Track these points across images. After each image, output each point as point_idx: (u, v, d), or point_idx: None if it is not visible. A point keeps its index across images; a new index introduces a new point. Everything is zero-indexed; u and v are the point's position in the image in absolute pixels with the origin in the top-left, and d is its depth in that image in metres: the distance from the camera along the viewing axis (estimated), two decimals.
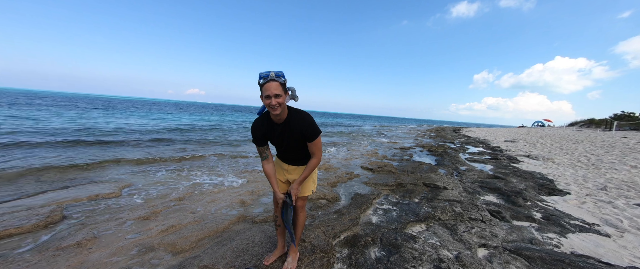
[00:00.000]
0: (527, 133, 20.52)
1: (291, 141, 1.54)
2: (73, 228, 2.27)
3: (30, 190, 3.15)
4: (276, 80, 1.34)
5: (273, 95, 1.33)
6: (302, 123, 1.48)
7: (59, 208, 2.60)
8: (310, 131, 1.48)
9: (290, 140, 1.54)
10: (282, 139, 1.55)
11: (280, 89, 1.34)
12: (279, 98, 1.35)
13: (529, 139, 13.81)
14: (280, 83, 1.35)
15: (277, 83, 1.34)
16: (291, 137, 1.52)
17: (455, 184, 4.00)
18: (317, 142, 1.52)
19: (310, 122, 1.49)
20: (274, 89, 1.32)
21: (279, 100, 1.35)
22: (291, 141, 1.55)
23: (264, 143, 1.58)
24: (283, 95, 1.37)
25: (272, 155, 1.65)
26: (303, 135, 1.50)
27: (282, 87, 1.36)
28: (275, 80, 1.34)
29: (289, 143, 1.55)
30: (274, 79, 1.34)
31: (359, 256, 1.90)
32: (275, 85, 1.33)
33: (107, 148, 6.11)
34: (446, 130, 27.03)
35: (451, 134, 19.61)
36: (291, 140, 1.54)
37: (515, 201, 3.32)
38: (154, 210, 2.69)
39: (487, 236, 2.25)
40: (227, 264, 1.71)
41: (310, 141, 1.50)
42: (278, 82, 1.34)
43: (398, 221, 2.58)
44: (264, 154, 1.60)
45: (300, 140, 1.53)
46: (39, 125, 9.19)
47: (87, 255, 1.88)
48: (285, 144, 1.56)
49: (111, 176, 3.91)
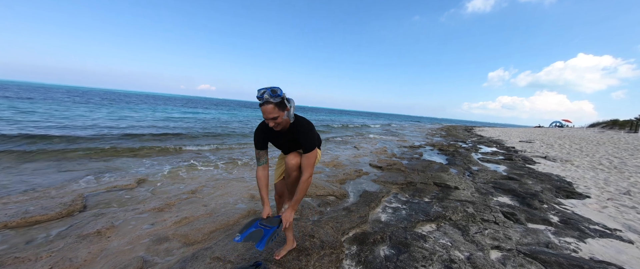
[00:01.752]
0: (544, 133, 19.69)
1: (293, 147, 1.62)
2: (93, 217, 2.38)
3: (56, 178, 3.34)
4: (271, 102, 1.35)
5: (269, 118, 1.37)
6: (300, 136, 1.51)
7: (80, 197, 2.74)
8: (306, 145, 1.49)
9: (291, 145, 1.61)
10: (284, 145, 1.63)
11: (275, 111, 1.36)
12: (276, 119, 1.39)
13: (546, 140, 13.26)
14: (275, 104, 1.36)
15: (272, 106, 1.35)
16: (293, 143, 1.59)
17: (467, 184, 3.91)
18: (309, 156, 1.50)
19: (309, 135, 1.50)
20: (269, 113, 1.35)
21: (276, 120, 1.39)
22: (293, 147, 1.63)
23: (264, 146, 1.62)
24: (280, 114, 1.39)
25: (268, 163, 1.66)
26: (299, 145, 1.55)
27: (277, 106, 1.37)
28: (270, 103, 1.35)
29: (292, 148, 1.64)
30: (268, 101, 1.34)
31: (367, 254, 1.89)
32: (270, 108, 1.35)
33: (130, 140, 6.35)
34: (458, 129, 26.34)
35: (463, 133, 19.10)
36: (293, 146, 1.62)
37: (531, 204, 3.20)
38: (168, 202, 2.79)
39: (500, 238, 2.19)
40: (238, 257, 1.75)
41: (304, 153, 1.51)
42: (273, 105, 1.35)
43: (407, 220, 2.55)
44: (261, 159, 1.61)
45: (299, 146, 1.59)
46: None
47: (106, 243, 1.98)
48: (286, 147, 1.64)
49: (128, 168, 4.07)
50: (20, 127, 7.00)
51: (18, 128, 6.75)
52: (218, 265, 1.67)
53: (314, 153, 1.52)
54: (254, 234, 1.40)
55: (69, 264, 1.69)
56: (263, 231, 1.42)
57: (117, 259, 1.76)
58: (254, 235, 1.40)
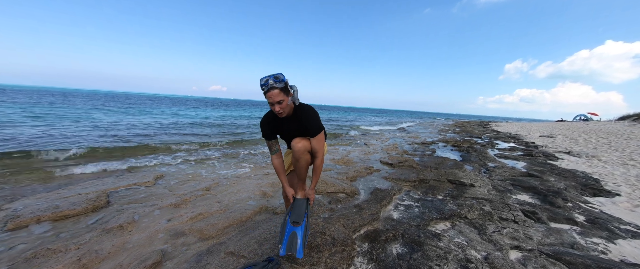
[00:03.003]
0: (568, 127, 18.59)
1: (298, 134, 1.59)
2: (116, 212, 2.51)
3: (84, 175, 3.55)
4: (276, 87, 1.38)
5: (275, 102, 1.40)
6: (306, 118, 1.52)
7: (104, 193, 2.89)
8: (312, 126, 1.51)
9: (297, 133, 1.59)
10: (290, 133, 1.61)
11: (281, 95, 1.39)
12: (281, 103, 1.41)
13: (570, 134, 12.50)
14: (280, 89, 1.39)
15: (278, 90, 1.39)
16: (298, 131, 1.57)
17: (484, 181, 3.76)
18: (319, 138, 1.53)
19: (314, 117, 1.52)
20: (275, 97, 1.39)
21: (282, 105, 1.42)
22: (297, 134, 1.59)
23: (273, 137, 1.64)
24: (285, 98, 1.41)
25: (281, 150, 1.70)
26: (306, 129, 1.53)
27: (282, 91, 1.40)
28: (275, 88, 1.38)
29: (296, 136, 1.60)
30: (273, 87, 1.38)
31: (379, 252, 1.87)
32: (275, 92, 1.38)
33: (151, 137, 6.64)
34: (472, 124, 25.39)
35: (478, 129, 18.40)
36: (298, 134, 1.59)
37: (553, 202, 3.04)
38: (184, 199, 2.89)
39: (520, 237, 2.09)
40: (251, 252, 1.78)
41: (312, 136, 1.53)
42: (278, 89, 1.39)
43: (420, 218, 2.50)
44: (273, 148, 1.65)
45: (306, 133, 1.57)
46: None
47: (128, 237, 2.08)
48: (293, 136, 1.61)
49: (147, 166, 4.25)
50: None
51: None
52: (232, 260, 1.71)
53: (321, 135, 1.55)
54: (291, 241, 1.46)
55: (95, 256, 1.79)
56: (297, 233, 1.47)
57: (139, 252, 1.85)
58: (291, 242, 1.46)
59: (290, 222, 1.53)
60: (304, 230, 1.51)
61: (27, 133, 6.48)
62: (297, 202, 1.64)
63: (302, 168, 1.63)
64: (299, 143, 1.55)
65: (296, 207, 1.60)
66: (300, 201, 1.64)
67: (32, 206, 2.52)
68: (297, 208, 1.59)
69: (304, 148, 1.55)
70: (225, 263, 1.68)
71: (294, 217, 1.54)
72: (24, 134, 6.36)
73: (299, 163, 1.61)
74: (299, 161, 1.59)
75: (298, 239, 1.47)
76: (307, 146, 1.56)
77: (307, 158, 1.60)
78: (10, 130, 6.86)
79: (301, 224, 1.51)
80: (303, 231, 1.50)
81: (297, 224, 1.51)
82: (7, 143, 5.27)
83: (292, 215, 1.55)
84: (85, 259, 1.74)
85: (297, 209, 1.58)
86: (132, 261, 1.72)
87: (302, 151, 1.55)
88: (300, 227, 1.51)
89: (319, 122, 1.54)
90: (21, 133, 6.43)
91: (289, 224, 1.53)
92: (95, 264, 1.72)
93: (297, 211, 1.57)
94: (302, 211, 1.57)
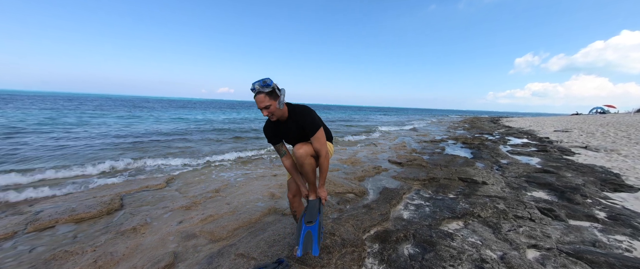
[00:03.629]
0: (584, 121, 17.88)
1: (297, 136, 1.60)
2: (129, 215, 2.57)
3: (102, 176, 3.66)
4: (262, 92, 1.41)
5: (263, 107, 1.44)
6: (301, 119, 1.52)
7: (117, 196, 2.97)
8: (309, 125, 1.51)
9: (296, 135, 1.60)
10: (289, 135, 1.62)
11: (267, 100, 1.42)
12: (268, 108, 1.44)
13: (586, 128, 12.02)
14: (266, 94, 1.42)
15: (263, 95, 1.42)
16: (296, 132, 1.58)
17: (496, 179, 3.65)
18: (319, 136, 1.52)
19: (310, 116, 1.52)
20: (261, 102, 1.42)
21: (270, 109, 1.45)
22: (298, 137, 1.60)
23: (277, 140, 1.66)
24: (272, 103, 1.44)
25: (289, 152, 1.72)
26: (304, 130, 1.53)
27: (268, 96, 1.43)
28: (261, 92, 1.42)
29: (297, 139, 1.61)
30: (260, 91, 1.41)
31: (391, 252, 1.84)
32: (261, 97, 1.42)
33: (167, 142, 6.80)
34: (483, 120, 24.81)
35: (489, 125, 17.95)
36: (297, 135, 1.60)
37: (572, 198, 2.92)
38: (194, 201, 2.93)
39: (537, 236, 2.02)
40: (260, 254, 1.78)
41: (312, 135, 1.52)
42: (264, 93, 1.42)
43: (432, 217, 2.44)
44: (280, 151, 1.69)
45: (305, 135, 1.57)
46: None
47: (141, 239, 2.13)
48: (294, 139, 1.63)
49: (159, 169, 4.34)
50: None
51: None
52: (242, 261, 1.71)
53: (321, 132, 1.54)
54: (307, 240, 1.50)
55: (110, 258, 1.83)
56: (312, 232, 1.52)
57: (152, 254, 1.88)
58: (307, 241, 1.50)
59: (305, 222, 1.56)
60: (318, 228, 1.54)
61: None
62: (311, 203, 1.67)
63: (308, 172, 1.62)
64: (299, 150, 1.54)
65: (310, 207, 1.63)
66: (313, 201, 1.67)
67: (50, 209, 2.61)
68: (310, 208, 1.63)
69: (305, 153, 1.54)
70: (236, 264, 1.68)
71: (307, 217, 1.57)
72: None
73: (304, 169, 1.60)
74: (304, 166, 1.58)
75: (313, 238, 1.51)
76: (308, 150, 1.55)
77: (311, 162, 1.59)
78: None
79: (314, 222, 1.54)
80: (317, 230, 1.53)
81: (311, 224, 1.55)
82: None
83: (306, 215, 1.59)
84: (101, 261, 1.78)
85: (310, 209, 1.62)
86: (145, 263, 1.76)
87: (304, 157, 1.54)
88: (314, 225, 1.54)
89: (315, 119, 1.52)
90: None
91: (303, 224, 1.56)
92: (111, 266, 1.76)
93: (311, 210, 1.60)
94: (315, 210, 1.60)
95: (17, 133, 7.62)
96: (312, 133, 1.51)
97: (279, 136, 1.67)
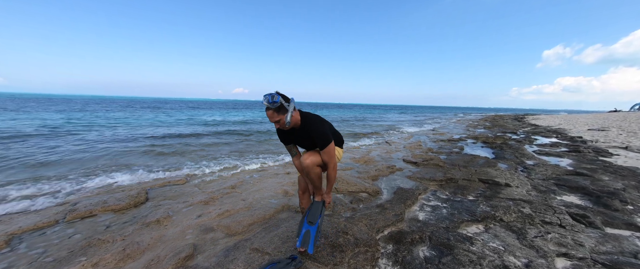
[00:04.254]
0: (624, 119, 16.24)
1: (308, 144, 1.69)
2: (153, 208, 2.74)
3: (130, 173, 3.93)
4: (270, 108, 1.48)
5: (273, 121, 1.53)
6: (314, 132, 1.58)
7: (143, 191, 3.17)
8: (319, 138, 1.56)
9: (307, 143, 1.69)
10: (300, 142, 1.71)
11: (276, 115, 1.50)
12: (279, 122, 1.53)
13: (627, 127, 10.92)
14: (274, 110, 1.49)
15: (272, 111, 1.50)
16: (308, 141, 1.67)
17: (521, 181, 3.44)
18: (328, 151, 1.58)
19: (320, 130, 1.56)
20: (270, 117, 1.51)
21: (280, 123, 1.53)
22: (309, 145, 1.69)
23: (289, 141, 1.75)
24: (281, 117, 1.52)
25: (300, 152, 1.82)
26: (315, 142, 1.61)
27: (277, 112, 1.50)
28: (270, 108, 1.49)
29: (308, 146, 1.71)
30: (268, 107, 1.49)
31: (405, 254, 1.80)
32: (270, 113, 1.50)
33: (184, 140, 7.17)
34: (505, 118, 23.36)
35: (512, 123, 16.88)
36: (308, 144, 1.69)
37: (609, 204, 2.67)
38: (212, 196, 3.05)
39: (568, 244, 1.87)
40: (274, 249, 1.82)
41: (321, 149, 1.58)
42: (272, 110, 1.49)
43: (449, 219, 2.35)
44: (292, 152, 1.78)
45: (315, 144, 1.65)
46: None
47: (164, 231, 2.25)
48: (305, 146, 1.72)
49: (181, 165, 4.58)
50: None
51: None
52: (257, 256, 1.76)
53: (331, 147, 1.60)
54: (305, 237, 1.64)
55: (137, 247, 1.96)
56: (310, 232, 1.65)
57: (173, 245, 1.99)
58: (305, 238, 1.64)
59: (307, 221, 1.70)
60: (317, 230, 1.67)
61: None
62: (315, 204, 1.77)
63: (314, 179, 1.71)
64: (307, 160, 1.62)
65: (313, 208, 1.75)
66: (317, 203, 1.77)
67: (85, 201, 2.85)
68: (313, 209, 1.74)
69: (312, 164, 1.62)
70: (251, 258, 1.73)
71: (310, 217, 1.70)
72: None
73: (310, 176, 1.68)
74: (310, 174, 1.66)
75: (310, 237, 1.64)
76: (315, 161, 1.63)
77: (317, 171, 1.67)
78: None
79: (315, 224, 1.67)
80: (315, 231, 1.66)
81: (311, 224, 1.68)
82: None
83: (309, 215, 1.72)
84: (129, 250, 1.92)
85: (313, 210, 1.73)
86: (168, 253, 1.86)
87: (310, 167, 1.63)
88: (314, 226, 1.67)
89: (325, 133, 1.57)
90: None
91: (305, 222, 1.70)
92: (138, 255, 1.88)
93: (314, 212, 1.72)
94: (318, 212, 1.71)
95: (70, 134, 8.36)
96: (322, 147, 1.58)
97: (290, 141, 1.76)
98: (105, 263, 1.77)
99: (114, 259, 1.80)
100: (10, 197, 3.01)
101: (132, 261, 1.81)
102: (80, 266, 1.74)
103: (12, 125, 9.21)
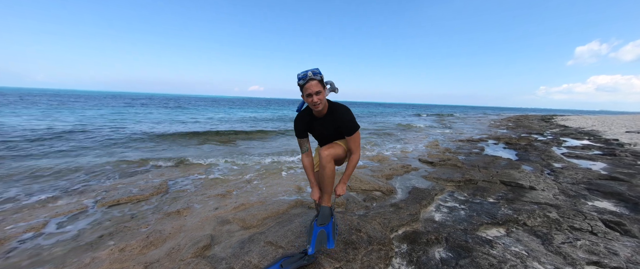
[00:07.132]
0: None
1: (331, 133, 1.62)
2: (174, 199, 2.88)
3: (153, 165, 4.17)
4: (314, 78, 1.44)
5: (314, 92, 1.44)
6: (341, 118, 1.53)
7: (165, 183, 3.34)
8: (349, 126, 1.52)
9: (330, 132, 1.62)
10: (323, 131, 1.64)
11: (319, 86, 1.44)
12: (319, 94, 1.45)
13: None
14: (318, 81, 1.45)
15: (316, 81, 1.44)
16: (330, 130, 1.60)
17: (548, 184, 3.23)
18: (355, 137, 1.55)
19: (350, 117, 1.53)
20: (314, 87, 1.43)
21: (320, 96, 1.45)
22: (331, 134, 1.62)
23: (304, 135, 1.69)
24: (322, 90, 1.46)
25: (311, 150, 1.74)
26: (342, 129, 1.55)
27: (320, 83, 1.45)
28: (314, 79, 1.44)
29: (330, 136, 1.64)
30: (312, 78, 1.44)
31: (420, 254, 1.76)
32: (314, 83, 1.44)
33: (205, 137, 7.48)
34: (531, 119, 21.97)
35: (539, 124, 15.85)
36: (331, 133, 1.62)
37: None
38: (228, 190, 3.15)
39: (600, 252, 1.74)
40: (288, 243, 1.85)
41: (349, 135, 1.54)
42: (316, 80, 1.44)
43: (468, 221, 2.26)
44: (304, 146, 1.71)
45: (339, 134, 1.59)
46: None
47: (184, 221, 2.37)
48: (325, 136, 1.65)
49: (201, 157, 4.78)
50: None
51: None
52: (271, 249, 1.80)
53: (358, 134, 1.56)
54: (320, 238, 1.51)
55: (159, 235, 2.08)
56: (325, 231, 1.53)
57: (192, 235, 2.08)
58: (320, 238, 1.51)
59: (317, 224, 1.57)
60: (333, 227, 1.55)
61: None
62: (323, 209, 1.62)
63: (327, 177, 1.57)
64: (326, 150, 1.53)
65: (322, 214, 1.60)
66: (325, 208, 1.61)
67: (112, 190, 3.06)
68: (322, 214, 1.60)
69: (329, 156, 1.52)
70: (265, 251, 1.77)
71: (320, 221, 1.57)
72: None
73: (324, 172, 1.55)
74: (325, 169, 1.54)
75: (328, 234, 1.52)
76: (333, 153, 1.54)
77: (332, 167, 1.56)
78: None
79: (328, 224, 1.55)
80: (331, 228, 1.54)
81: (323, 225, 1.55)
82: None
83: (319, 219, 1.58)
84: (152, 238, 2.03)
85: (322, 215, 1.60)
86: (187, 242, 1.95)
87: (327, 159, 1.52)
88: (328, 225, 1.55)
89: (354, 120, 1.55)
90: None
91: (315, 226, 1.57)
92: (160, 243, 1.99)
93: (323, 217, 1.58)
94: (328, 215, 1.59)
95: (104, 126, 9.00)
96: (350, 133, 1.53)
97: (308, 131, 1.69)
98: (131, 249, 1.89)
99: (139, 246, 1.92)
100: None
101: (155, 248, 1.92)
102: (109, 250, 1.87)
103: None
